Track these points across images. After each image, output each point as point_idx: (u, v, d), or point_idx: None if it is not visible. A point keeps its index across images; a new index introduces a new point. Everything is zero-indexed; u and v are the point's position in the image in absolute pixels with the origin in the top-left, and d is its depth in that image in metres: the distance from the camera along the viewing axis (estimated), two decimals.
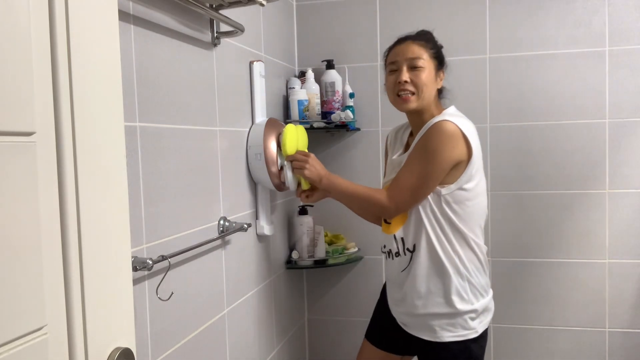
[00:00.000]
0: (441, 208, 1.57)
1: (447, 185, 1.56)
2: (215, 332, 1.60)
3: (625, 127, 2.20)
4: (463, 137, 1.54)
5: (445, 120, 1.56)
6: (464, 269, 1.59)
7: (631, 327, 2.24)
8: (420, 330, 1.65)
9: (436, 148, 1.54)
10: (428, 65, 1.64)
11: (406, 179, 1.58)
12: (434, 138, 1.55)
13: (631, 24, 2.17)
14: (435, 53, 1.67)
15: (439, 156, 1.54)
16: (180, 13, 1.42)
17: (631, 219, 2.21)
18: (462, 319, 1.59)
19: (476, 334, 1.60)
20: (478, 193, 1.61)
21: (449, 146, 1.54)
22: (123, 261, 0.81)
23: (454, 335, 1.59)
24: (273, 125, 1.87)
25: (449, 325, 1.59)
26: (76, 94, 0.71)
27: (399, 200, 1.59)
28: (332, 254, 2.32)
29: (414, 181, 1.56)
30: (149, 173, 1.27)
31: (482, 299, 1.62)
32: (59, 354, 0.69)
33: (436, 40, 1.71)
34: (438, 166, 1.54)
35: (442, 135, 1.54)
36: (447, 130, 1.54)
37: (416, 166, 1.57)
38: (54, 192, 0.69)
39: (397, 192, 1.59)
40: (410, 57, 1.65)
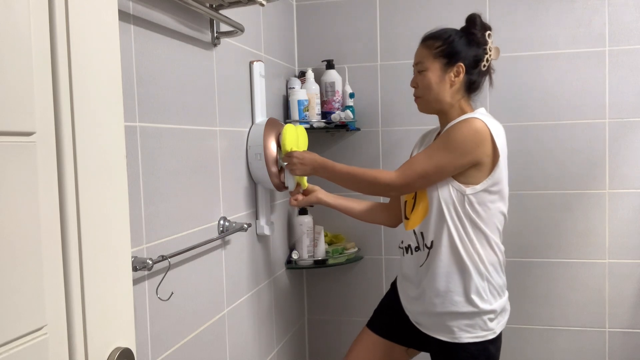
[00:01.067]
0: (464, 208, 1.55)
1: (472, 186, 1.54)
2: (215, 332, 1.60)
3: (625, 127, 2.20)
4: (491, 137, 1.52)
5: (475, 117, 1.54)
6: (484, 269, 1.57)
7: (631, 327, 2.24)
8: (437, 330, 1.61)
9: (460, 140, 1.52)
10: (432, 66, 1.61)
11: (421, 162, 1.56)
12: (460, 131, 1.53)
13: (631, 24, 2.17)
14: (441, 51, 1.61)
15: (460, 149, 1.52)
16: (180, 13, 1.42)
17: (631, 219, 2.21)
18: (482, 320, 1.57)
19: (494, 334, 1.58)
20: (502, 196, 1.59)
21: (473, 143, 1.52)
22: (123, 261, 0.81)
23: (473, 337, 1.57)
24: (273, 125, 1.87)
25: (467, 326, 1.57)
26: (76, 94, 0.71)
27: (408, 180, 1.58)
28: (332, 254, 2.32)
29: (428, 166, 1.54)
30: (149, 173, 1.27)
31: (500, 299, 1.60)
32: (59, 354, 0.69)
33: (449, 35, 1.62)
34: (457, 159, 1.52)
35: (469, 130, 1.52)
36: (475, 127, 1.52)
37: (435, 152, 1.55)
38: (54, 192, 0.69)
39: (409, 172, 1.57)
40: (416, 61, 1.66)
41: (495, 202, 1.58)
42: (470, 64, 1.61)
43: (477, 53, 1.62)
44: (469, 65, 1.61)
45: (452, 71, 1.61)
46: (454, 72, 1.61)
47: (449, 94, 1.62)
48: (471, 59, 1.62)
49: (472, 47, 1.62)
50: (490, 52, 1.64)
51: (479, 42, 1.62)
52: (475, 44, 1.62)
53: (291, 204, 1.87)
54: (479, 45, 1.62)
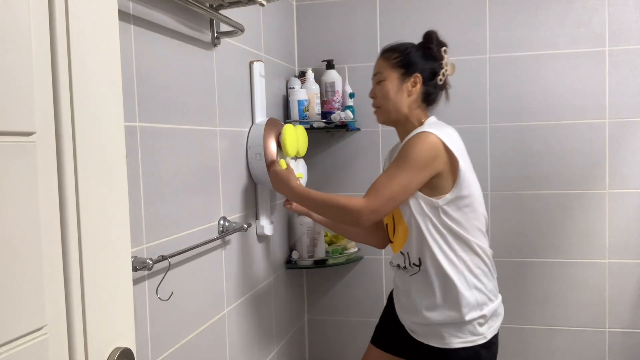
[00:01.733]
0: (440, 219, 1.56)
1: (442, 196, 1.55)
2: (215, 332, 1.60)
3: (625, 127, 2.20)
4: (444, 148, 1.54)
5: (425, 131, 1.55)
6: (472, 276, 1.58)
7: (631, 327, 2.24)
8: (428, 337, 1.63)
9: (416, 156, 1.52)
10: (389, 76, 1.65)
11: (385, 185, 1.54)
12: (413, 147, 1.53)
13: (631, 24, 2.17)
14: (399, 62, 1.65)
15: (418, 164, 1.52)
16: (180, 13, 1.42)
17: (631, 219, 2.21)
18: (471, 325, 1.57)
19: (485, 339, 1.59)
20: (474, 198, 1.60)
21: (429, 156, 1.52)
22: (123, 261, 0.81)
23: (463, 341, 1.57)
24: (273, 125, 1.87)
25: (457, 332, 1.58)
26: (76, 94, 0.71)
27: (377, 205, 1.53)
28: (332, 254, 2.32)
29: (393, 187, 1.53)
30: (149, 173, 1.27)
31: (491, 304, 1.61)
32: (59, 354, 0.69)
33: (406, 48, 1.66)
34: (417, 174, 1.52)
35: (422, 144, 1.53)
36: (427, 141, 1.53)
37: (395, 172, 1.54)
38: (54, 192, 0.69)
39: (376, 197, 1.53)
40: (374, 72, 1.71)
41: (470, 206, 1.59)
42: (427, 75, 1.66)
43: (433, 67, 1.67)
44: (426, 77, 1.66)
45: (409, 81, 1.64)
46: (411, 82, 1.64)
47: (407, 103, 1.65)
48: (428, 71, 1.66)
49: (429, 61, 1.66)
50: (446, 67, 1.68)
51: (436, 56, 1.67)
52: (432, 58, 1.67)
53: (284, 205, 1.86)
54: (436, 60, 1.67)
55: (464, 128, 2.34)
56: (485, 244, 1.64)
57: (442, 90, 1.70)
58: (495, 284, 1.66)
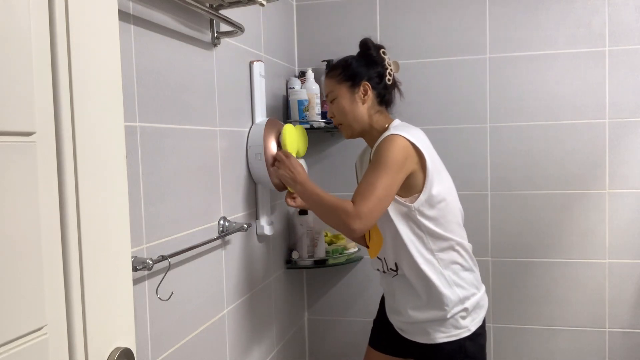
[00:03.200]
0: (417, 221, 1.58)
1: (416, 197, 1.57)
2: (215, 332, 1.60)
3: (625, 127, 2.20)
4: (413, 147, 1.56)
5: (392, 134, 1.57)
6: (451, 273, 1.61)
7: (631, 327, 2.24)
8: (415, 334, 1.67)
9: (390, 158, 1.53)
10: (339, 92, 1.70)
11: (369, 190, 1.52)
12: (386, 151, 1.54)
13: (631, 24, 2.17)
14: (344, 76, 1.69)
15: (394, 165, 1.53)
16: (180, 13, 1.42)
17: (631, 219, 2.21)
18: (453, 319, 1.60)
19: (469, 332, 1.61)
20: (447, 193, 1.62)
21: (402, 156, 1.54)
22: (123, 261, 0.81)
23: (447, 336, 1.60)
24: (273, 125, 1.87)
25: (440, 327, 1.61)
26: (76, 94, 0.71)
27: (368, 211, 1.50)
28: (332, 254, 2.32)
29: (377, 192, 1.51)
30: (149, 173, 1.27)
31: (473, 297, 1.63)
32: (59, 354, 0.69)
33: (346, 61, 1.70)
34: (396, 175, 1.53)
35: (393, 146, 1.54)
36: (396, 142, 1.55)
37: (375, 176, 1.53)
38: (54, 192, 0.69)
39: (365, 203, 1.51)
40: (326, 93, 1.75)
41: (443, 201, 1.60)
42: (374, 80, 1.70)
43: (377, 70, 1.71)
44: (374, 82, 1.69)
45: (359, 90, 1.68)
46: (361, 91, 1.68)
47: (364, 111, 1.69)
48: (374, 76, 1.70)
49: (372, 67, 1.70)
50: (389, 67, 1.72)
51: (376, 60, 1.71)
52: (374, 63, 1.70)
53: (288, 204, 1.86)
54: (377, 63, 1.71)
55: (464, 128, 2.35)
56: (463, 238, 1.67)
57: (394, 89, 1.75)
58: (476, 276, 1.68)
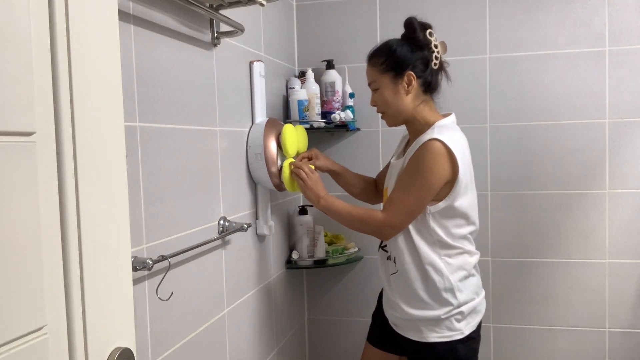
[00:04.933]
0: (429, 224, 1.58)
1: (435, 203, 1.57)
2: (215, 332, 1.60)
3: (625, 127, 2.20)
4: (450, 156, 1.53)
5: (433, 139, 1.54)
6: (455, 278, 1.60)
7: (631, 327, 2.24)
8: (408, 330, 1.67)
9: (428, 168, 1.53)
10: (382, 82, 1.63)
11: (401, 200, 1.57)
12: (424, 159, 1.54)
13: (631, 24, 2.17)
14: (387, 65, 1.62)
15: (431, 177, 1.53)
16: (180, 13, 1.42)
17: (631, 219, 2.21)
18: (448, 321, 1.60)
19: (462, 335, 1.60)
20: (468, 208, 1.61)
21: (438, 166, 1.53)
22: (123, 261, 0.81)
23: (440, 336, 1.60)
24: (273, 125, 1.87)
25: (434, 327, 1.61)
26: (76, 94, 0.71)
27: (396, 221, 1.58)
28: (332, 254, 2.31)
29: (409, 201, 1.56)
30: (149, 173, 1.27)
31: (471, 302, 1.63)
32: (59, 354, 0.69)
33: (390, 47, 1.63)
34: (431, 186, 1.54)
35: (431, 156, 1.53)
36: (435, 151, 1.53)
37: (409, 186, 1.56)
38: (54, 192, 0.68)
39: (394, 214, 1.58)
40: (368, 82, 1.69)
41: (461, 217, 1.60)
42: (419, 68, 1.62)
43: (423, 55, 1.62)
44: (419, 69, 1.62)
45: (403, 81, 1.62)
46: (405, 82, 1.61)
47: (409, 102, 1.63)
48: (419, 63, 1.62)
49: (417, 52, 1.62)
50: (436, 50, 1.64)
51: (422, 44, 1.63)
52: (419, 47, 1.62)
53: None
54: (423, 47, 1.63)
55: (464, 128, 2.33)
56: (471, 247, 1.65)
57: (440, 73, 1.67)
58: (477, 281, 1.68)
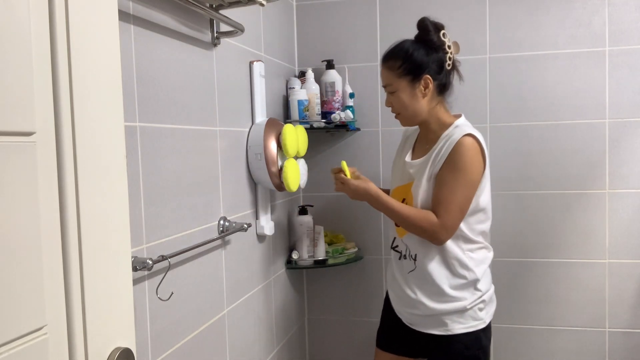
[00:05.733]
0: None
1: None
2: (215, 332, 1.60)
3: (625, 127, 2.19)
4: (482, 151, 1.59)
5: (467, 135, 1.57)
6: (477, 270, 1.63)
7: (631, 327, 2.24)
8: (430, 326, 1.65)
9: (469, 164, 1.57)
10: (399, 86, 1.64)
11: (451, 201, 1.57)
12: (463, 155, 1.56)
13: (631, 24, 2.17)
14: (405, 68, 1.62)
15: (473, 172, 1.58)
16: (180, 13, 1.42)
17: (631, 219, 2.21)
18: (472, 311, 1.62)
19: (484, 324, 1.64)
20: (488, 202, 1.66)
21: (478, 162, 1.58)
22: (123, 261, 0.81)
23: (465, 327, 1.61)
24: (273, 125, 1.87)
25: (459, 318, 1.61)
26: (76, 94, 0.71)
27: (452, 224, 1.58)
28: (332, 254, 2.31)
29: (459, 199, 1.58)
30: (149, 173, 1.27)
31: (489, 291, 1.68)
32: (59, 354, 0.69)
33: (407, 51, 1.62)
34: (475, 181, 1.59)
35: (470, 152, 1.57)
36: (472, 147, 1.57)
37: (456, 185, 1.57)
38: (54, 192, 0.69)
39: (448, 216, 1.57)
40: (384, 84, 1.70)
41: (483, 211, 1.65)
42: (435, 71, 1.64)
43: (438, 57, 1.64)
44: (435, 72, 1.63)
45: (420, 85, 1.63)
46: (422, 85, 1.63)
47: (425, 104, 1.65)
48: (434, 66, 1.63)
49: (432, 54, 1.64)
50: (450, 50, 1.66)
51: (437, 45, 1.64)
52: (434, 49, 1.64)
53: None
54: (438, 49, 1.64)
55: None
56: (487, 243, 1.70)
57: (453, 73, 1.70)
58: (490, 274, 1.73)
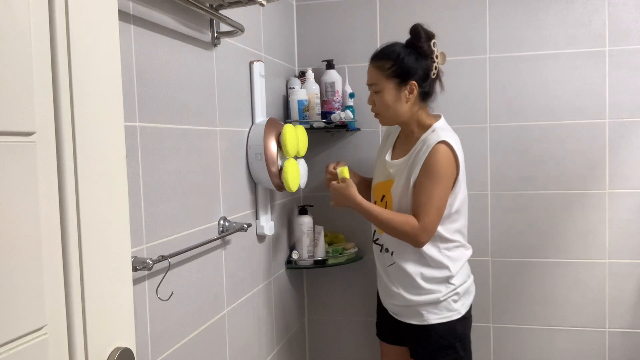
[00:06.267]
0: None
1: None
2: (215, 332, 1.60)
3: (625, 127, 2.19)
4: (455, 158, 1.66)
5: (442, 142, 1.64)
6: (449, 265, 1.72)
7: (631, 327, 2.24)
8: (409, 316, 1.76)
9: (443, 169, 1.65)
10: (385, 87, 1.69)
11: (430, 203, 1.66)
12: (436, 163, 1.64)
13: (631, 24, 2.17)
14: (394, 71, 1.68)
15: (446, 175, 1.65)
16: (180, 13, 1.42)
17: (631, 219, 2.21)
18: (446, 302, 1.72)
19: (459, 314, 1.73)
20: (461, 205, 1.73)
21: (451, 167, 1.66)
22: (123, 261, 0.81)
23: (440, 317, 1.72)
24: (273, 125, 1.87)
25: (434, 309, 1.72)
26: (76, 94, 0.71)
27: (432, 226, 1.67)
28: (332, 254, 2.31)
29: (436, 202, 1.66)
30: (149, 173, 1.27)
31: (465, 284, 1.76)
32: (59, 354, 0.69)
33: (398, 54, 1.68)
34: (448, 185, 1.67)
35: (443, 159, 1.65)
36: (445, 154, 1.65)
37: (432, 189, 1.66)
38: (54, 192, 0.69)
39: (427, 218, 1.66)
40: (369, 82, 1.75)
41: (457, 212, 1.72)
42: (421, 77, 1.70)
43: (426, 64, 1.70)
44: (420, 79, 1.70)
45: (405, 89, 1.69)
46: (407, 90, 1.69)
47: (407, 108, 1.72)
48: (421, 73, 1.70)
49: (421, 61, 1.69)
50: (437, 60, 1.72)
51: (426, 53, 1.70)
52: (423, 57, 1.70)
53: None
54: (427, 57, 1.70)
55: (464, 128, 2.35)
56: (465, 241, 1.79)
57: (436, 82, 1.76)
58: (468, 266, 1.81)
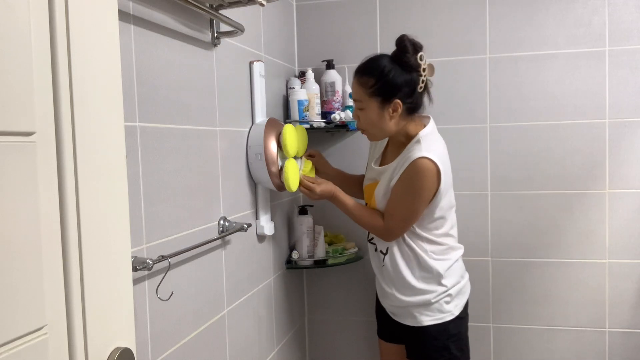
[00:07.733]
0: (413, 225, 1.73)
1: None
2: (215, 332, 1.60)
3: (625, 127, 2.19)
4: (437, 172, 1.64)
5: (422, 158, 1.62)
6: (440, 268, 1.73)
7: (631, 327, 2.24)
8: (404, 317, 1.79)
9: (420, 186, 1.64)
10: (369, 105, 1.66)
11: (395, 211, 1.71)
12: (415, 178, 1.64)
13: (631, 24, 2.17)
14: (378, 89, 1.62)
15: (424, 192, 1.65)
16: (180, 13, 1.42)
17: (631, 219, 2.21)
18: (438, 304, 1.73)
19: (452, 316, 1.74)
20: (445, 211, 1.74)
21: (432, 182, 1.65)
22: (123, 261, 0.81)
23: (432, 319, 1.73)
24: (273, 125, 1.87)
25: (426, 310, 1.73)
26: (76, 94, 0.71)
27: (394, 230, 1.74)
28: (332, 254, 2.31)
29: (402, 212, 1.70)
30: (149, 173, 1.27)
31: (457, 285, 1.76)
32: (59, 354, 0.69)
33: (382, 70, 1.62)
34: (424, 200, 1.67)
35: (422, 175, 1.63)
36: (425, 170, 1.63)
37: (405, 200, 1.68)
38: (54, 192, 0.69)
39: (390, 223, 1.73)
40: (353, 97, 1.73)
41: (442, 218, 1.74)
42: (406, 94, 1.64)
43: (411, 78, 1.64)
44: (406, 95, 1.64)
45: (389, 107, 1.65)
46: (391, 108, 1.65)
47: (392, 125, 1.69)
48: (407, 89, 1.63)
49: (405, 74, 1.63)
50: (424, 73, 1.66)
51: (412, 67, 1.63)
52: (408, 70, 1.63)
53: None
54: (412, 71, 1.64)
55: (464, 128, 2.35)
56: (454, 243, 1.80)
57: (424, 94, 1.71)
58: (461, 266, 1.82)
